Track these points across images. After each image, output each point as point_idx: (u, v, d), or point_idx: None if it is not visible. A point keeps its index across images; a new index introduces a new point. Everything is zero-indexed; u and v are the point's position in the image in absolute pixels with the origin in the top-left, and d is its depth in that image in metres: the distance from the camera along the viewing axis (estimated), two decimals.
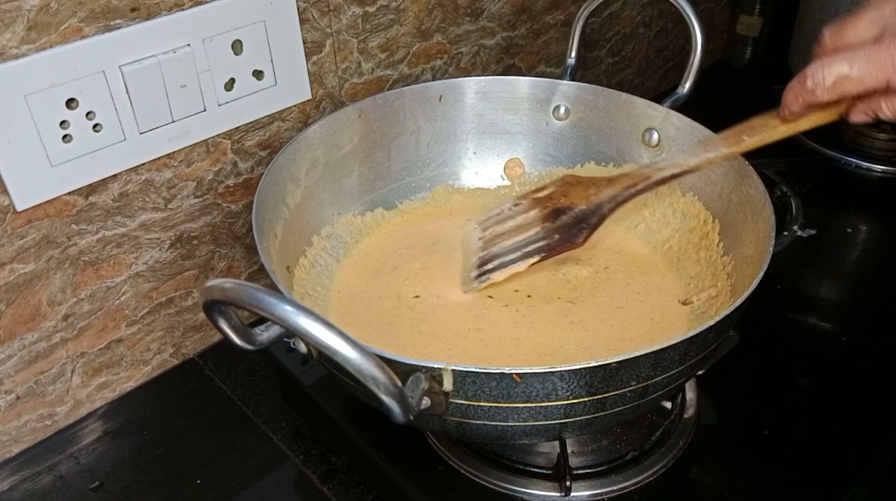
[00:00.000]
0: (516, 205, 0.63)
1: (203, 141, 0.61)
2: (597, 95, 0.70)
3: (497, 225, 0.63)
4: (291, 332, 0.35)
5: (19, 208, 0.53)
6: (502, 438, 0.50)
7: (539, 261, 0.60)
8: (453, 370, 0.41)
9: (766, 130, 0.55)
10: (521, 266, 0.60)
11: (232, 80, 0.60)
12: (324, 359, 0.46)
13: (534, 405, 0.43)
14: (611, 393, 0.44)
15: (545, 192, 0.63)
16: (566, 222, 0.60)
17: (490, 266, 0.61)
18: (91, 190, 0.56)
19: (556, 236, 0.60)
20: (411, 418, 0.39)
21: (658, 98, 0.67)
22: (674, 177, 0.59)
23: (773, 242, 0.51)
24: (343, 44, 0.67)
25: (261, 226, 0.54)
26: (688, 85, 0.67)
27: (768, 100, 0.97)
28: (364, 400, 0.48)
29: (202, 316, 0.62)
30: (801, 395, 0.62)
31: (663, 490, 0.54)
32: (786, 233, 0.78)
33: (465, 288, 0.62)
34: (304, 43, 0.63)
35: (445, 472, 0.55)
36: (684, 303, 0.61)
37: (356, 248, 0.67)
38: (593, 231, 0.60)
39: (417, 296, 0.62)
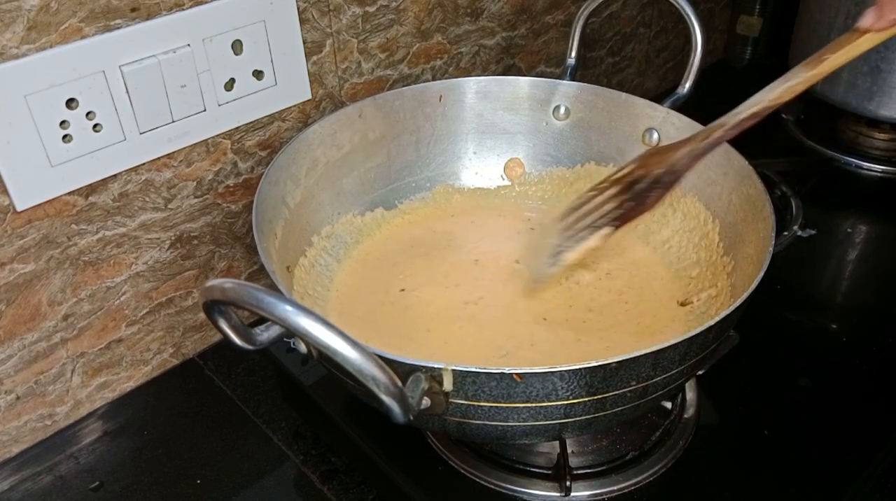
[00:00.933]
0: (595, 189, 0.61)
1: (203, 141, 0.61)
2: (597, 95, 0.70)
3: (576, 211, 0.60)
4: (291, 332, 0.35)
5: (19, 208, 0.53)
6: (502, 438, 0.50)
7: (613, 232, 0.57)
8: (453, 370, 0.41)
9: (850, 44, 0.50)
10: (594, 240, 0.57)
11: (232, 80, 0.60)
12: (324, 359, 0.46)
13: (534, 405, 0.43)
14: (611, 393, 0.44)
15: (625, 170, 0.59)
16: (640, 189, 0.56)
17: (563, 247, 0.59)
18: (91, 190, 0.56)
19: (629, 204, 0.57)
20: (411, 418, 0.39)
21: (658, 98, 0.67)
22: (755, 116, 0.53)
23: (773, 242, 0.51)
24: (343, 44, 0.67)
25: (261, 226, 0.54)
26: (688, 85, 0.67)
27: None
28: (364, 400, 0.48)
29: (202, 316, 0.62)
30: (801, 395, 0.62)
31: (663, 490, 0.54)
32: (786, 233, 0.77)
33: (536, 277, 0.59)
34: (304, 43, 0.63)
35: (445, 472, 0.55)
36: (683, 304, 0.61)
37: (356, 248, 0.67)
38: (667, 190, 0.56)
39: (402, 290, 0.62)
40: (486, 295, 0.62)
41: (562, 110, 0.71)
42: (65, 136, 0.53)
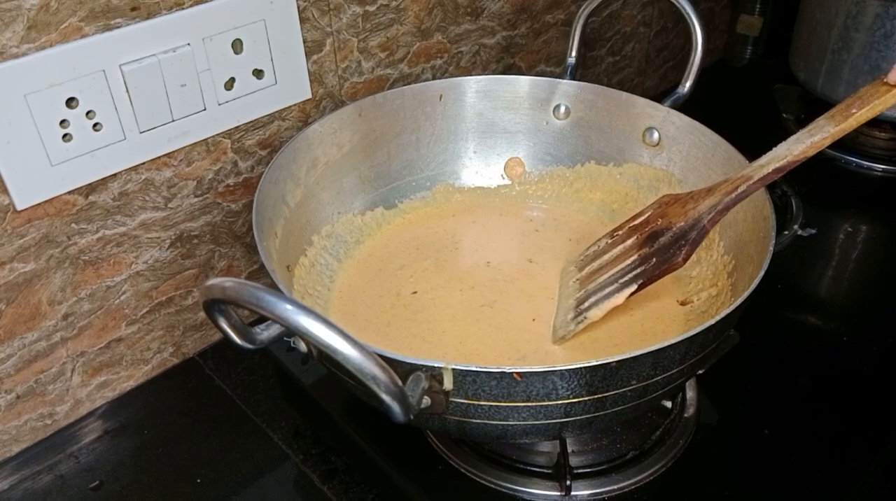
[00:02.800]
0: (612, 236, 0.60)
1: (203, 140, 0.61)
2: (597, 94, 0.70)
3: (593, 261, 0.59)
4: (291, 331, 0.35)
5: (19, 207, 0.53)
6: (503, 437, 0.50)
7: (638, 290, 0.55)
8: (453, 369, 0.41)
9: (877, 98, 0.49)
10: (619, 298, 0.55)
11: (232, 80, 0.60)
12: (324, 359, 0.46)
13: (534, 404, 0.43)
14: (611, 393, 0.44)
15: (642, 218, 0.58)
16: (664, 243, 0.55)
17: (586, 304, 0.57)
18: (91, 189, 0.56)
19: (654, 260, 0.55)
20: (411, 417, 0.39)
21: (658, 97, 0.67)
22: (779, 171, 0.52)
23: (774, 241, 0.51)
24: (343, 43, 0.67)
25: (261, 226, 0.54)
26: (688, 84, 0.67)
27: (768, 100, 0.97)
28: (364, 400, 0.48)
29: (202, 315, 0.62)
30: (801, 395, 0.62)
31: (663, 489, 0.54)
32: (786, 233, 0.78)
33: (560, 334, 0.57)
34: (305, 42, 0.63)
35: (445, 472, 0.55)
36: (683, 304, 0.61)
37: (358, 248, 0.67)
38: (695, 247, 0.54)
39: (415, 292, 0.62)
40: (500, 298, 0.62)
41: (562, 109, 0.71)
42: (65, 136, 0.53)
